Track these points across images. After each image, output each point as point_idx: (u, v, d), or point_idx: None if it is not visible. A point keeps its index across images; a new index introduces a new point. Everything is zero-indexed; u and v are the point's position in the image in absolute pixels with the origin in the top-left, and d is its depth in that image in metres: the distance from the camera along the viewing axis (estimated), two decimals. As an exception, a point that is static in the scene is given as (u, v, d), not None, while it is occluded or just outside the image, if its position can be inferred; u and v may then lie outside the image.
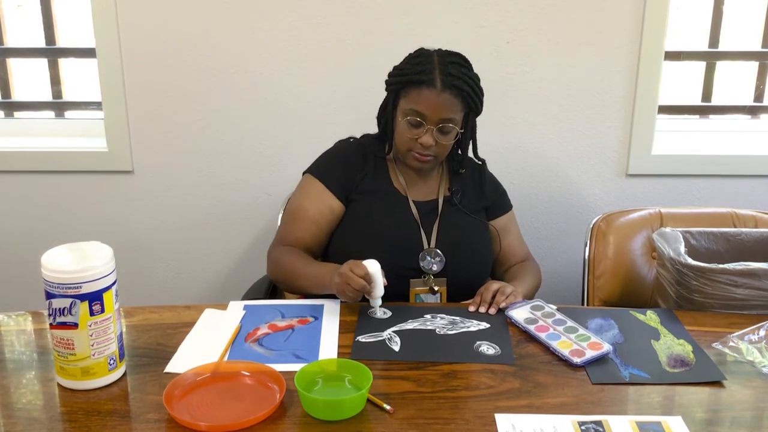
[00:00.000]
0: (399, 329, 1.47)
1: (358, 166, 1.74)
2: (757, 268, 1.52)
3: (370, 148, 1.77)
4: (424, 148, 1.64)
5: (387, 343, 1.41)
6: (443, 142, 1.65)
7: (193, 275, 2.42)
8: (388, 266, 1.57)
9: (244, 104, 2.24)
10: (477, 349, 1.40)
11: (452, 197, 1.75)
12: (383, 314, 1.53)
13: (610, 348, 1.37)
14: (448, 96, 1.60)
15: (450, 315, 1.53)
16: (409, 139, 1.65)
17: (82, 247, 1.25)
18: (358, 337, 1.43)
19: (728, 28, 2.34)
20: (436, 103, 1.60)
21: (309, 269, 1.64)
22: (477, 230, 1.76)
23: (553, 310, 1.52)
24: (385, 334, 1.45)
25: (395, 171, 1.77)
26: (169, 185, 2.32)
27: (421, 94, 1.61)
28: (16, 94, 2.42)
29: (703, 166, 2.34)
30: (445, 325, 1.49)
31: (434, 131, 1.62)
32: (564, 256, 2.39)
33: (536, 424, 1.16)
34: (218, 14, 2.16)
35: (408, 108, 1.63)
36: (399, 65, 1.69)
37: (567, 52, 2.20)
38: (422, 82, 1.60)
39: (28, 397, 1.24)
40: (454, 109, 1.62)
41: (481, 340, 1.43)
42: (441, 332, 1.46)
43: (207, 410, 1.18)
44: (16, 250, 2.37)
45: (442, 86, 1.60)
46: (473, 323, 1.50)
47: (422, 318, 1.52)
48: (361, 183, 1.73)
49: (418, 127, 1.63)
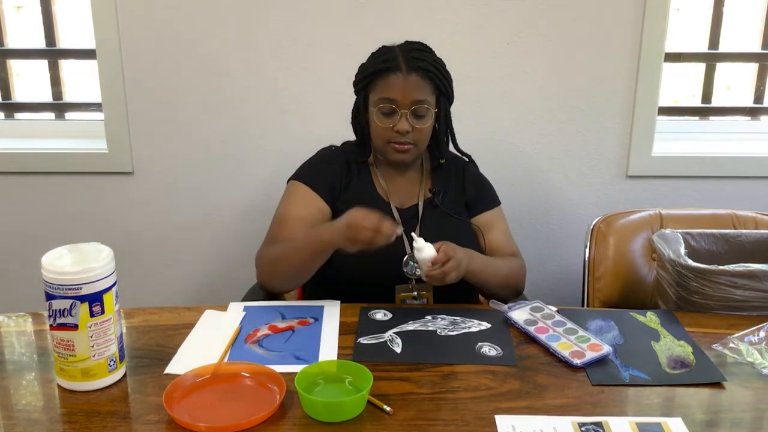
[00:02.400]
0: (400, 330, 1.47)
1: (342, 173, 1.74)
2: (757, 269, 1.52)
3: (352, 155, 1.77)
4: (401, 136, 1.64)
5: (389, 345, 1.41)
6: (419, 126, 1.64)
7: (194, 276, 2.42)
8: (373, 273, 1.58)
9: (244, 104, 2.24)
10: (479, 350, 1.40)
11: (433, 198, 1.75)
12: (384, 316, 1.53)
13: (609, 349, 1.37)
14: (415, 77, 1.62)
15: (451, 315, 1.53)
16: (384, 129, 1.65)
17: (82, 248, 1.25)
18: (359, 339, 1.43)
19: (728, 30, 2.35)
20: (404, 85, 1.61)
21: (298, 242, 1.60)
22: (459, 231, 1.74)
23: (552, 311, 1.52)
24: (387, 335, 1.45)
25: (377, 176, 1.76)
26: (169, 186, 2.32)
27: (388, 80, 1.63)
28: (16, 96, 2.42)
29: (703, 168, 2.34)
30: (446, 325, 1.49)
31: (408, 115, 1.62)
32: (564, 258, 2.39)
33: (536, 426, 1.16)
34: (218, 14, 2.16)
35: (378, 98, 1.64)
36: (363, 64, 1.71)
37: (567, 53, 2.21)
38: (388, 69, 1.63)
39: (28, 398, 1.24)
40: (424, 90, 1.63)
41: (482, 341, 1.43)
42: (442, 333, 1.46)
43: (207, 411, 1.18)
44: (16, 251, 2.37)
45: (407, 69, 1.62)
46: (474, 323, 1.50)
47: (423, 319, 1.52)
48: (345, 190, 1.73)
49: (391, 115, 1.63)
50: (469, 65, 2.17)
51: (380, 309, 1.55)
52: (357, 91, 1.72)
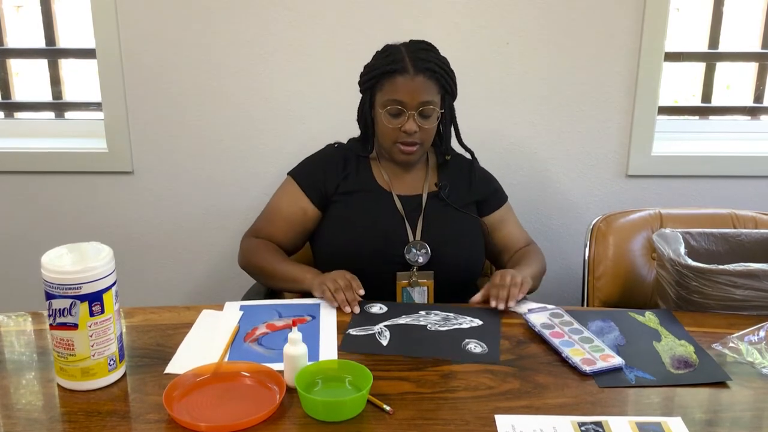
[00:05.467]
0: (391, 324, 1.49)
1: (338, 169, 1.77)
2: (757, 269, 1.52)
3: (353, 150, 1.81)
4: (408, 136, 1.67)
5: (376, 337, 1.43)
6: (426, 126, 1.68)
7: (194, 276, 2.42)
8: (374, 258, 1.59)
9: (244, 104, 2.24)
10: (464, 347, 1.40)
11: (439, 192, 1.76)
12: (380, 309, 1.54)
13: (621, 362, 1.33)
14: (422, 79, 1.65)
15: (444, 312, 1.54)
16: (392, 130, 1.68)
17: (82, 247, 1.26)
18: (349, 330, 1.45)
19: (728, 29, 2.35)
20: (411, 87, 1.64)
21: (285, 269, 1.70)
22: (465, 225, 1.76)
23: (571, 319, 1.50)
24: (377, 328, 1.47)
25: (379, 169, 1.79)
26: (169, 186, 2.32)
27: (395, 82, 1.65)
28: (16, 95, 2.42)
29: (702, 167, 2.33)
30: (438, 321, 1.50)
31: (415, 116, 1.65)
32: (564, 257, 2.39)
33: (536, 425, 1.16)
34: (218, 14, 2.16)
35: (386, 99, 1.67)
36: (369, 63, 1.74)
37: (567, 52, 2.20)
38: (395, 71, 1.65)
39: (27, 397, 1.24)
40: (431, 91, 1.66)
41: (470, 338, 1.44)
42: (432, 328, 1.47)
43: (207, 411, 1.18)
44: (16, 250, 2.36)
45: (414, 71, 1.65)
46: (466, 320, 1.51)
47: (416, 314, 1.53)
48: (343, 184, 1.76)
49: (399, 116, 1.66)
50: (469, 65, 2.16)
51: (377, 303, 1.57)
52: (363, 90, 1.75)
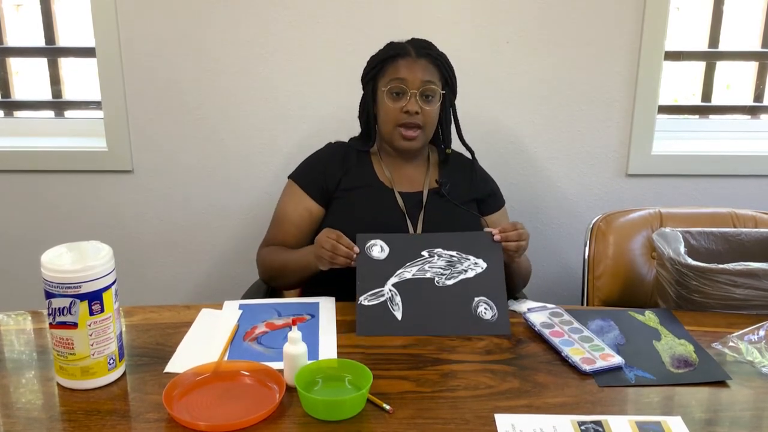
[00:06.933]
0: (398, 280, 1.51)
1: (338, 166, 1.78)
2: (757, 268, 1.52)
3: (354, 146, 1.82)
4: (410, 117, 1.69)
5: (389, 307, 1.47)
6: (427, 108, 1.70)
7: (193, 275, 2.42)
8: None
9: (244, 104, 2.24)
10: (475, 311, 1.47)
11: (440, 189, 1.76)
12: (381, 251, 1.55)
13: (621, 361, 1.33)
14: (424, 62, 1.71)
15: (447, 251, 1.56)
16: (394, 110, 1.70)
17: (81, 246, 1.26)
18: (361, 299, 1.47)
19: (728, 28, 2.34)
20: (414, 66, 1.70)
21: (290, 262, 1.71)
22: (466, 221, 1.77)
23: (571, 318, 1.50)
24: (386, 290, 1.49)
25: (380, 165, 1.80)
26: (168, 185, 2.32)
27: (398, 64, 1.71)
28: (16, 94, 2.42)
29: (702, 166, 2.34)
30: (443, 269, 1.53)
31: (417, 96, 1.68)
32: (564, 256, 2.39)
33: (536, 425, 1.16)
34: (218, 14, 2.16)
35: (388, 80, 1.71)
36: (372, 55, 1.78)
37: (567, 52, 2.20)
38: (397, 55, 1.72)
39: (27, 396, 1.24)
40: (432, 74, 1.72)
41: (478, 294, 1.49)
42: (440, 283, 1.51)
43: (207, 410, 1.18)
44: (16, 249, 2.36)
45: (416, 54, 1.72)
46: (470, 262, 1.54)
47: (420, 258, 1.54)
48: (344, 179, 1.77)
49: (401, 96, 1.69)
50: (469, 65, 2.16)
51: (377, 241, 1.57)
52: (366, 82, 1.78)
